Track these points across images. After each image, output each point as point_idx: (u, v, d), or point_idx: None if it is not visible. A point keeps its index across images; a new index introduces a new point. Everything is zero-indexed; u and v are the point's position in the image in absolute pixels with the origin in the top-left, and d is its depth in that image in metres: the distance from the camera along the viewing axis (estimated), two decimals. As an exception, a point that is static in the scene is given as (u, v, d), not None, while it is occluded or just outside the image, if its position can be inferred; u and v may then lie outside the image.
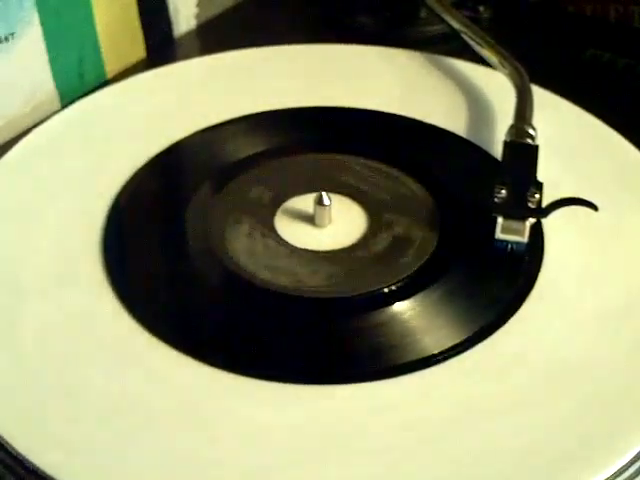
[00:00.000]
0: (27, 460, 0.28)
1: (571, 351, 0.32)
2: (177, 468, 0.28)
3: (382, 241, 0.36)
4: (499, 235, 0.35)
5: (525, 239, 0.35)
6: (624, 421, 0.29)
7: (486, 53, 0.45)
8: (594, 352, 0.32)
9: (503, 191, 0.35)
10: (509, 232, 0.35)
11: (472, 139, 0.41)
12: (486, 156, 0.40)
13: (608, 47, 0.50)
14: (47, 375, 0.31)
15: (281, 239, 0.36)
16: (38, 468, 0.28)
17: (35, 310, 0.33)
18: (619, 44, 0.51)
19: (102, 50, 0.49)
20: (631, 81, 0.48)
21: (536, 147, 0.37)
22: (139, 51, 0.51)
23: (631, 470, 0.29)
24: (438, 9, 0.49)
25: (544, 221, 0.36)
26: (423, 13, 0.51)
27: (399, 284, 0.34)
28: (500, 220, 0.34)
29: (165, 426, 0.29)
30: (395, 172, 0.39)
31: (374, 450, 0.29)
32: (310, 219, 0.37)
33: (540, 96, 0.41)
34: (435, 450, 0.29)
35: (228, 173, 0.39)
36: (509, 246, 0.35)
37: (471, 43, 0.46)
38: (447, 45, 0.49)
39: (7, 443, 0.28)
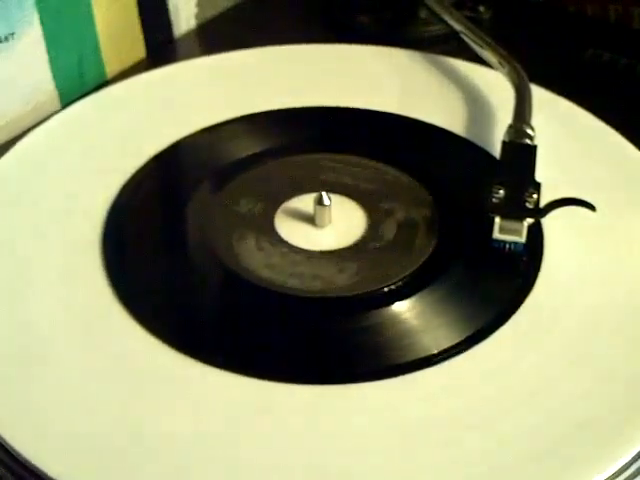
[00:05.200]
0: (27, 461, 0.28)
1: (570, 350, 0.32)
2: (178, 468, 0.28)
3: (381, 241, 0.36)
4: (497, 235, 0.35)
5: (523, 239, 0.35)
6: (624, 420, 0.29)
7: (485, 53, 0.45)
8: (594, 351, 0.32)
9: (501, 191, 0.35)
10: (507, 232, 0.35)
11: (472, 139, 0.41)
12: (486, 156, 0.40)
13: (608, 47, 0.50)
14: (46, 374, 0.31)
15: (281, 239, 0.36)
16: (38, 469, 0.28)
17: (35, 309, 0.33)
18: (619, 44, 0.51)
19: (102, 50, 0.49)
20: (631, 81, 0.48)
21: (534, 147, 0.37)
22: (139, 51, 0.51)
23: (631, 469, 0.29)
24: (438, 9, 0.49)
25: (544, 221, 0.36)
26: (423, 13, 0.51)
27: (398, 284, 0.34)
28: (497, 220, 0.34)
29: (163, 425, 0.29)
30: (394, 172, 0.39)
31: (373, 450, 0.29)
32: (310, 219, 0.37)
33: (540, 96, 0.41)
34: (435, 450, 0.29)
35: (228, 173, 0.39)
36: (507, 246, 0.35)
37: (470, 43, 0.46)
38: (447, 45, 0.49)
39: (7, 444, 0.29)
